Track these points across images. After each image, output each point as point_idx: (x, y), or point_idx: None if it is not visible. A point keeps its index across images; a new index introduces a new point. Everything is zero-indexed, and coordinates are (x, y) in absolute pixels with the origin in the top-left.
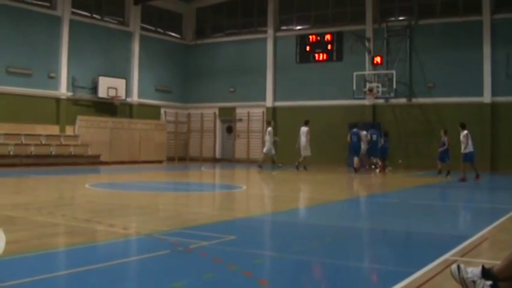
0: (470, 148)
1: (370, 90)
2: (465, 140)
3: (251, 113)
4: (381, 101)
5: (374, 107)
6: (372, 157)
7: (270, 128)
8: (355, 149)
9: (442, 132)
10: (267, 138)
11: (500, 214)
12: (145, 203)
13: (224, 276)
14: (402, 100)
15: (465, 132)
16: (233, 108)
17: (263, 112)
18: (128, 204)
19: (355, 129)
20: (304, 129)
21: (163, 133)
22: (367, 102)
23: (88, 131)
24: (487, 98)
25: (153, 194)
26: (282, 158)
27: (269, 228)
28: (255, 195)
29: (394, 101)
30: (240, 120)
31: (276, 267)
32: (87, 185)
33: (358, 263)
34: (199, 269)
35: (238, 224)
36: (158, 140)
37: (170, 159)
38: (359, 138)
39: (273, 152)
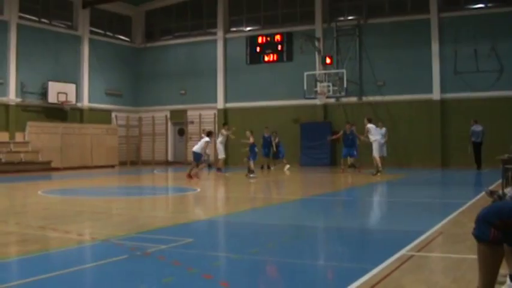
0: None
1: (321, 91)
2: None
3: (202, 115)
4: (332, 100)
5: (325, 106)
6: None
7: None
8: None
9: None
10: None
11: (452, 208)
12: (100, 208)
13: (184, 280)
14: (353, 99)
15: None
16: (184, 111)
17: (214, 114)
18: (82, 210)
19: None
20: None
21: (114, 137)
22: (318, 101)
23: (38, 137)
24: (436, 95)
25: (107, 199)
26: (235, 159)
27: (226, 229)
28: (209, 197)
29: (344, 100)
30: (192, 122)
31: (235, 269)
32: (39, 192)
33: (316, 262)
34: (159, 272)
35: (195, 226)
36: (110, 144)
37: (122, 163)
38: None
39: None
